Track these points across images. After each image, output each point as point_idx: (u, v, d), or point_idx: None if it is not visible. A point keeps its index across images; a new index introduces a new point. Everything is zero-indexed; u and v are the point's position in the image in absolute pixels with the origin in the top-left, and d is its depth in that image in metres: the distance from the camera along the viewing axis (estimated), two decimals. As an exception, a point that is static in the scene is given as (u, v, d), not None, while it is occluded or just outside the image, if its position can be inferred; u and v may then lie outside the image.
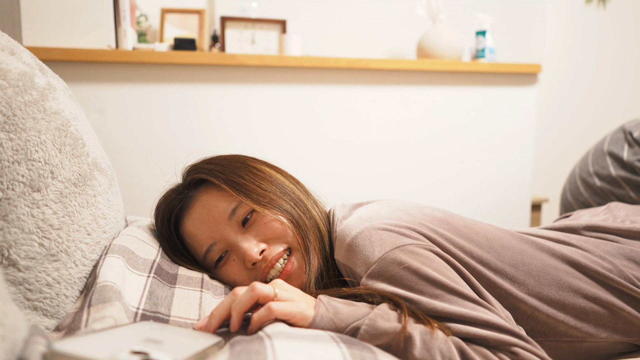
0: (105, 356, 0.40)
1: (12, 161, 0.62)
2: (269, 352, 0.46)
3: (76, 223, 0.68)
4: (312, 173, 1.84)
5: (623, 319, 0.74)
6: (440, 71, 1.98)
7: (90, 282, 0.66)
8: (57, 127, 0.70)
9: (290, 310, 0.59)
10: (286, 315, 0.59)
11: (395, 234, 0.70)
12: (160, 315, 0.64)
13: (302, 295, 0.63)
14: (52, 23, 1.54)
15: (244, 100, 1.78)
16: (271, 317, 0.58)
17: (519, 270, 0.73)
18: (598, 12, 2.75)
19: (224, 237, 0.79)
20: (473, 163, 2.08)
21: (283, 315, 0.58)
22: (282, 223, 0.78)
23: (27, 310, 0.62)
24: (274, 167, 0.88)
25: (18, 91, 0.65)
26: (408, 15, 2.23)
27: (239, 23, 1.94)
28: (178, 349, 0.47)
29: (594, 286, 0.74)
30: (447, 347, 0.58)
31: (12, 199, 0.61)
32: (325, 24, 2.18)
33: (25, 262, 0.61)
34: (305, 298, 0.63)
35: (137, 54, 1.64)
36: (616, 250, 0.79)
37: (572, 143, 2.79)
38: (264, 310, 0.58)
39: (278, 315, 0.58)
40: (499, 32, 2.33)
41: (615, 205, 1.02)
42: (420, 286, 0.65)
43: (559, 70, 2.77)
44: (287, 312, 0.59)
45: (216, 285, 0.78)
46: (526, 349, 0.60)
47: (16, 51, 0.71)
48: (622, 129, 1.51)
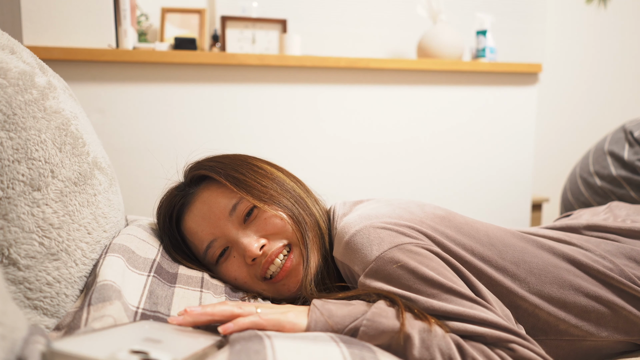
0: (105, 356, 0.40)
1: (12, 160, 0.62)
2: (268, 351, 0.46)
3: (76, 222, 0.68)
4: (312, 172, 1.84)
5: (624, 318, 0.74)
6: (441, 71, 1.98)
7: (90, 281, 0.65)
8: (57, 126, 0.70)
9: (279, 319, 0.59)
10: (274, 324, 0.59)
11: (394, 232, 0.70)
12: (160, 314, 0.64)
13: (288, 308, 0.63)
14: (52, 22, 1.54)
15: (244, 99, 1.78)
16: (260, 325, 0.58)
17: (520, 268, 0.73)
18: (599, 11, 2.75)
19: (224, 233, 0.79)
20: (473, 162, 2.07)
21: (271, 324, 0.58)
22: (282, 219, 0.78)
23: (27, 309, 0.62)
24: (275, 166, 0.88)
25: (18, 90, 0.65)
26: (408, 14, 2.23)
27: (240, 22, 1.94)
28: (177, 348, 0.47)
29: (595, 285, 0.74)
30: (445, 344, 0.58)
31: (13, 198, 0.61)
32: (326, 24, 2.18)
33: (26, 261, 0.61)
34: (292, 309, 0.63)
35: (138, 53, 1.64)
36: (617, 249, 0.79)
37: (572, 143, 2.79)
38: (253, 317, 0.59)
39: (267, 324, 0.58)
40: (499, 31, 2.33)
41: (616, 205, 1.02)
42: (418, 285, 0.65)
43: (559, 70, 2.77)
44: (275, 321, 0.59)
45: (216, 284, 0.78)
46: (524, 346, 0.60)
47: (16, 50, 0.71)
48: (622, 128, 1.51)
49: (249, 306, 0.61)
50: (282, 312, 0.61)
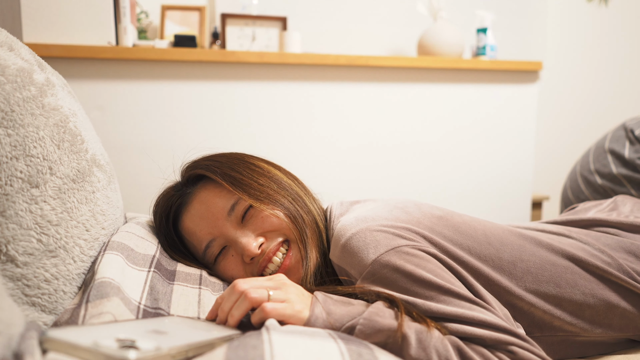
0: (88, 343, 0.41)
1: (10, 157, 0.62)
2: (266, 346, 0.46)
3: (75, 219, 0.68)
4: (309, 171, 1.84)
5: (619, 315, 0.74)
6: (441, 68, 1.98)
7: (89, 278, 0.65)
8: (55, 123, 0.69)
9: (284, 312, 0.59)
10: (279, 317, 0.59)
11: (390, 235, 0.69)
12: (162, 311, 0.64)
13: (300, 294, 0.63)
14: (52, 20, 1.54)
15: (244, 97, 1.78)
16: (266, 319, 0.58)
17: (517, 266, 0.73)
18: (599, 9, 2.74)
19: (222, 233, 0.79)
20: (473, 160, 2.07)
21: (277, 317, 0.59)
22: (279, 217, 0.78)
23: (25, 306, 0.62)
24: (272, 164, 0.88)
25: (16, 87, 0.65)
26: (409, 12, 2.22)
27: (240, 20, 1.94)
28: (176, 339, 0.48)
29: (592, 281, 0.74)
30: (443, 346, 0.58)
31: (11, 194, 0.61)
32: (326, 21, 2.18)
33: (24, 257, 0.61)
34: (302, 298, 0.63)
35: (137, 50, 1.64)
36: (616, 243, 0.79)
37: (573, 141, 2.79)
38: (258, 312, 0.59)
39: (272, 317, 0.58)
40: (500, 29, 2.32)
41: (621, 199, 1.02)
42: (415, 288, 0.65)
43: (560, 67, 2.77)
44: (281, 314, 0.59)
45: (215, 282, 0.78)
46: (524, 348, 0.60)
47: (15, 47, 0.70)
48: (623, 126, 1.51)
49: (260, 289, 0.61)
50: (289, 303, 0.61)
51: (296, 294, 0.63)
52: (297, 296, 0.62)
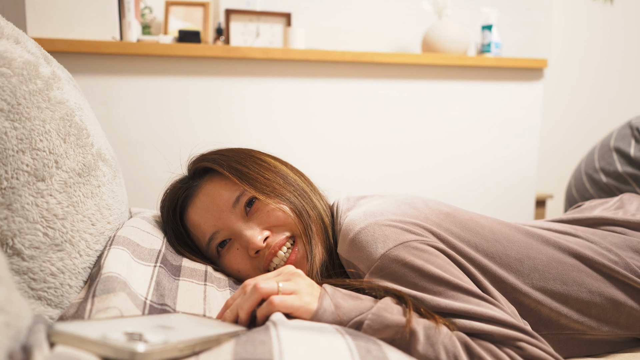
0: (96, 335, 0.41)
1: (16, 150, 0.61)
2: (274, 342, 0.45)
3: (80, 213, 0.68)
4: (315, 166, 1.84)
5: (626, 314, 0.74)
6: (446, 65, 1.97)
7: (95, 272, 0.65)
8: (61, 116, 0.69)
9: (292, 304, 0.59)
10: (288, 309, 0.58)
11: (399, 229, 0.69)
12: (168, 308, 0.63)
13: (309, 285, 0.63)
14: (56, 14, 1.54)
15: (248, 93, 1.77)
16: (273, 312, 0.58)
17: (524, 264, 0.72)
18: (605, 7, 2.73)
19: (227, 226, 0.79)
20: (477, 157, 2.07)
21: (285, 309, 0.58)
22: (284, 212, 0.78)
23: (31, 299, 0.62)
24: (279, 159, 0.88)
25: (23, 80, 0.64)
26: (414, 9, 2.21)
27: (244, 16, 1.93)
28: (183, 334, 0.47)
29: (598, 280, 0.74)
30: (451, 342, 0.57)
31: (17, 188, 0.61)
32: (330, 17, 2.17)
33: (30, 251, 0.61)
34: (310, 289, 0.62)
35: (142, 46, 1.63)
36: (623, 242, 0.79)
37: (577, 139, 2.78)
38: (265, 305, 0.58)
39: (280, 309, 0.58)
40: (505, 26, 2.31)
41: (627, 198, 1.01)
42: (424, 283, 0.64)
43: (565, 65, 2.75)
44: (289, 306, 0.58)
45: (220, 277, 0.78)
46: (532, 344, 0.59)
47: (21, 40, 0.70)
48: (629, 124, 1.50)
49: (270, 281, 0.60)
50: (298, 295, 0.60)
51: (305, 285, 0.62)
52: (306, 287, 0.62)
